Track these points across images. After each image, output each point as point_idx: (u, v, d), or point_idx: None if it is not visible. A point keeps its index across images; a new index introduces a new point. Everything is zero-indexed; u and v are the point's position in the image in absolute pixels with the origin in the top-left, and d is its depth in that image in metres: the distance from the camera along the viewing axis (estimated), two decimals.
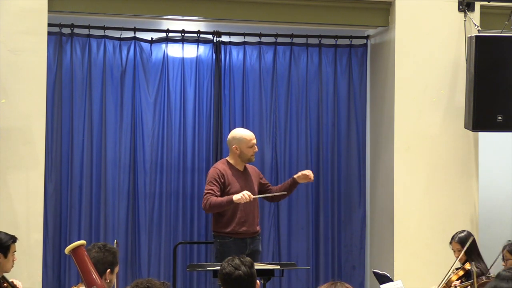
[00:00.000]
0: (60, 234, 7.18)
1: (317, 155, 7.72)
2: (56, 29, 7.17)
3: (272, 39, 7.66)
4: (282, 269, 6.32)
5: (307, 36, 7.69)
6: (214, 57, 7.54)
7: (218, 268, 3.97)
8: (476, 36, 6.82)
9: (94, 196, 7.27)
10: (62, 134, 7.23)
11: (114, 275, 4.54)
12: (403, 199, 7.18)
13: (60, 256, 7.16)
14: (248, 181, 6.62)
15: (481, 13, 7.26)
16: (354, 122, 7.77)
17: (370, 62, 7.80)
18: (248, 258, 3.90)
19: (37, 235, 6.56)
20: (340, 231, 7.75)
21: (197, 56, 7.52)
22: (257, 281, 3.92)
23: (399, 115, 7.20)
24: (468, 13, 7.19)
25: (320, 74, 7.73)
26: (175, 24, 7.48)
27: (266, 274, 6.03)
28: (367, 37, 7.82)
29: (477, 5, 7.24)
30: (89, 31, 7.27)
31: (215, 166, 6.65)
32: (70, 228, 7.17)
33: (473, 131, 7.09)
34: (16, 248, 5.34)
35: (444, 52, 7.23)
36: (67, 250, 4.20)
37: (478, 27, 7.10)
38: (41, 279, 6.62)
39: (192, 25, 7.49)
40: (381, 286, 5.86)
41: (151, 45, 7.45)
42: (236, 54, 7.61)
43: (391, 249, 7.15)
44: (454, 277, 6.07)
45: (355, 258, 7.75)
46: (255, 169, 6.84)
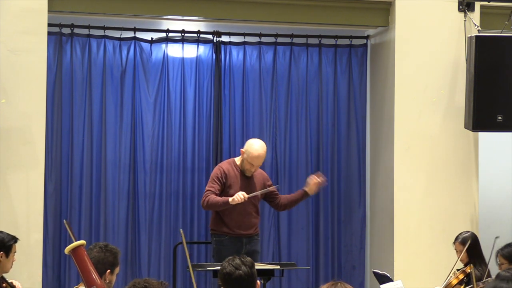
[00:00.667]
0: (60, 234, 7.18)
1: (317, 155, 7.72)
2: (56, 29, 7.16)
3: (272, 39, 7.66)
4: (282, 269, 6.32)
5: (307, 36, 7.69)
6: (214, 57, 7.54)
7: (218, 268, 3.97)
8: (476, 36, 6.82)
9: (94, 196, 7.27)
10: (62, 134, 7.23)
11: (114, 276, 4.54)
12: (403, 199, 7.17)
13: (60, 256, 7.15)
14: (251, 184, 6.58)
15: (481, 13, 7.26)
16: (354, 122, 7.77)
17: (370, 62, 7.80)
18: (249, 258, 3.90)
19: (37, 235, 6.56)
20: (340, 231, 7.74)
21: (197, 56, 7.52)
22: (257, 281, 3.92)
23: (399, 115, 7.20)
24: (468, 13, 7.19)
25: (320, 74, 7.72)
26: (175, 24, 7.48)
27: (266, 274, 6.04)
28: (367, 37, 7.81)
29: (477, 5, 7.23)
30: (89, 31, 7.27)
31: (220, 165, 6.65)
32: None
33: (473, 131, 7.08)
34: (16, 249, 5.34)
35: (444, 52, 7.23)
36: (67, 250, 4.20)
37: (478, 27, 7.10)
38: (41, 279, 6.62)
39: (192, 25, 7.49)
40: (381, 286, 5.86)
41: (151, 45, 7.44)
42: (236, 54, 7.61)
43: (391, 249, 7.14)
44: (455, 281, 6.03)
45: (355, 258, 7.75)
46: (263, 174, 6.79)
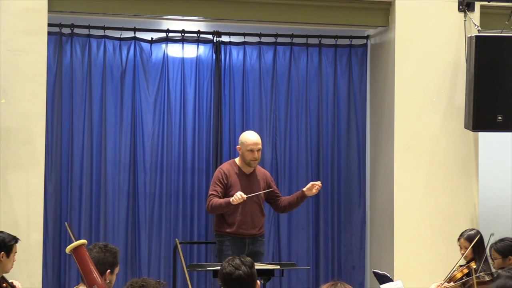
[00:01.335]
0: (60, 234, 7.18)
1: (317, 155, 7.72)
2: (56, 29, 7.16)
3: (272, 39, 7.66)
4: (282, 269, 6.32)
5: (307, 36, 7.69)
6: (214, 57, 7.54)
7: (218, 268, 3.97)
8: (476, 36, 6.83)
9: (94, 196, 7.26)
10: (62, 134, 7.22)
11: (114, 276, 4.55)
12: (403, 199, 7.17)
13: (60, 256, 7.15)
14: (252, 184, 6.57)
15: (481, 13, 7.26)
16: (354, 122, 7.77)
17: (370, 62, 7.80)
18: (249, 258, 3.90)
19: (37, 235, 6.56)
20: (340, 231, 7.74)
21: (197, 56, 7.51)
22: (257, 281, 3.92)
23: (399, 115, 7.20)
24: (468, 13, 7.19)
25: (320, 74, 7.72)
26: (175, 24, 7.48)
27: (266, 274, 6.04)
28: (367, 37, 7.81)
29: (477, 5, 7.23)
30: (89, 31, 7.27)
31: (221, 167, 6.65)
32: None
33: (473, 131, 7.09)
34: (17, 249, 5.34)
35: (444, 52, 7.23)
36: (68, 250, 4.20)
37: (478, 27, 7.10)
38: (41, 279, 6.61)
39: (192, 25, 7.49)
40: (381, 286, 5.86)
41: (151, 45, 7.44)
42: (236, 54, 7.61)
43: (391, 249, 7.14)
44: (459, 274, 6.07)
45: (355, 258, 7.74)
46: (266, 174, 6.77)
